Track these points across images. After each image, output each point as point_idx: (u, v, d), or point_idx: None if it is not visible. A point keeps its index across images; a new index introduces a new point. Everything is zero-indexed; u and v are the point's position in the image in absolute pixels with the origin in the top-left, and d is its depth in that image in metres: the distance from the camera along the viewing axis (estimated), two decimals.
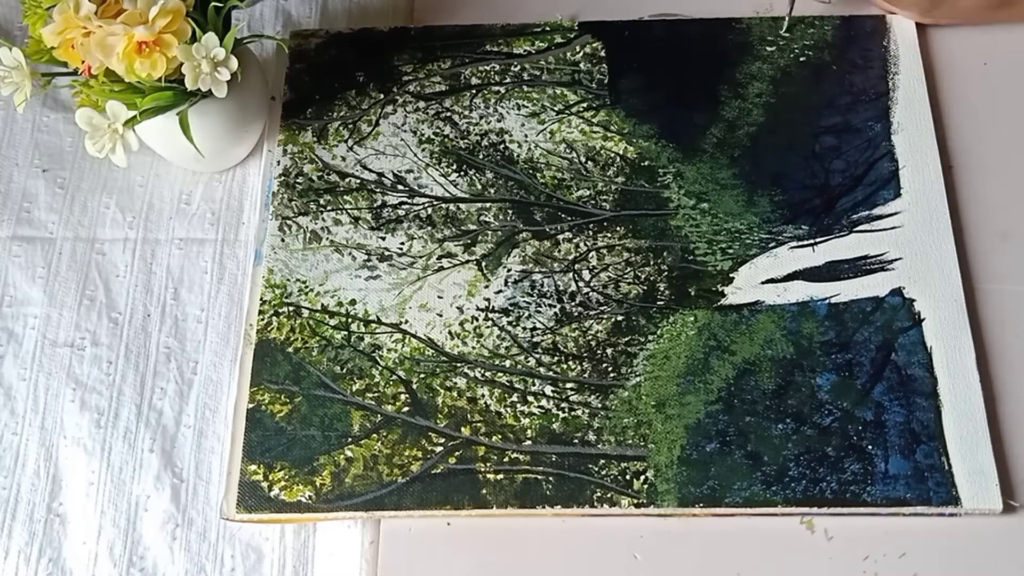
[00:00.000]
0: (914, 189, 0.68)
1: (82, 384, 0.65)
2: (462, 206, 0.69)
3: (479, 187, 0.70)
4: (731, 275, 0.66)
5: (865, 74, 0.72)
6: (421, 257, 0.67)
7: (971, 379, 0.61)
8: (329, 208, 0.69)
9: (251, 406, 0.63)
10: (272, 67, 0.75)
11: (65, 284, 0.69)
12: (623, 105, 0.72)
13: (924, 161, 0.68)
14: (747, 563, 0.58)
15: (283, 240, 0.68)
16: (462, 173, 0.70)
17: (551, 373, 0.63)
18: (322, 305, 0.66)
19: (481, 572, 0.59)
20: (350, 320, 0.65)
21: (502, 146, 0.71)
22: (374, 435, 0.62)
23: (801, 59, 0.73)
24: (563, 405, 0.62)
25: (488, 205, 0.69)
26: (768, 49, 0.73)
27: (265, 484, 0.60)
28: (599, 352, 0.64)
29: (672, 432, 0.61)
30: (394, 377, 0.63)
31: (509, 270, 0.67)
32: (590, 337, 0.64)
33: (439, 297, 0.66)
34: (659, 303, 0.65)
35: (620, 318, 0.65)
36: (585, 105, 0.72)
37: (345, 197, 0.70)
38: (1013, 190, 0.68)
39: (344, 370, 0.64)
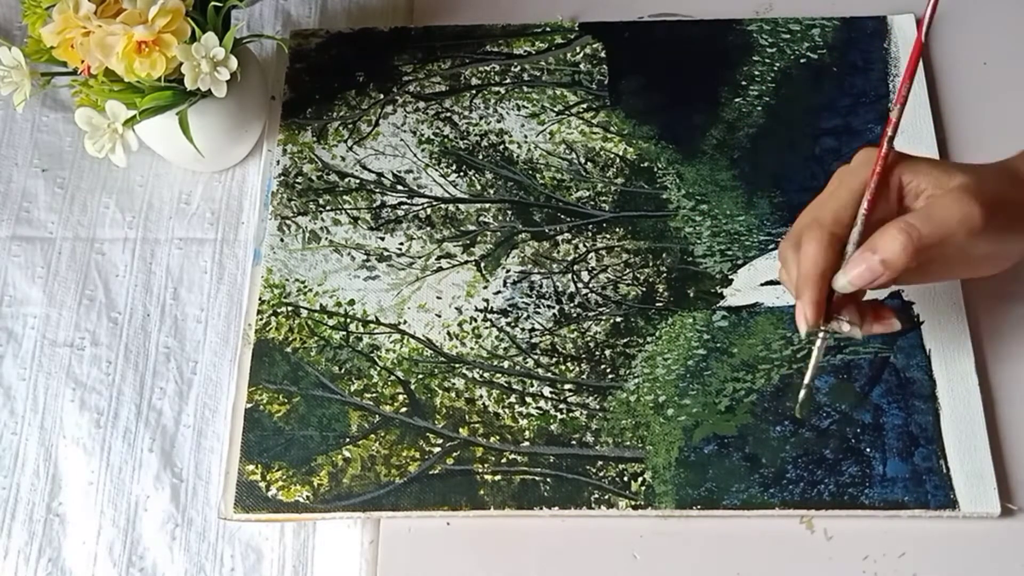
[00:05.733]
0: None
1: (82, 384, 0.65)
2: (461, 207, 0.69)
3: (478, 188, 0.70)
4: (730, 277, 0.66)
5: (865, 76, 0.72)
6: (420, 257, 0.67)
7: (970, 382, 0.61)
8: (328, 208, 0.69)
9: (249, 406, 0.63)
10: (272, 67, 0.75)
11: (65, 284, 0.69)
12: (623, 106, 0.72)
13: None
14: (747, 562, 0.58)
15: (282, 240, 0.68)
16: (461, 174, 0.70)
17: (549, 374, 0.63)
18: (321, 305, 0.66)
19: (482, 572, 0.59)
20: (349, 320, 0.65)
21: (502, 147, 0.71)
22: (372, 435, 0.62)
23: (801, 61, 0.73)
24: (561, 406, 0.62)
25: (487, 206, 0.69)
26: (768, 50, 0.73)
27: (263, 484, 0.60)
28: (597, 353, 0.64)
29: (670, 434, 0.61)
30: (392, 377, 0.63)
31: (508, 271, 0.67)
32: (589, 338, 0.64)
33: (438, 298, 0.66)
34: (658, 305, 0.65)
35: (619, 319, 0.65)
36: (585, 106, 0.72)
37: (344, 197, 0.70)
38: None
39: (342, 370, 0.64)
